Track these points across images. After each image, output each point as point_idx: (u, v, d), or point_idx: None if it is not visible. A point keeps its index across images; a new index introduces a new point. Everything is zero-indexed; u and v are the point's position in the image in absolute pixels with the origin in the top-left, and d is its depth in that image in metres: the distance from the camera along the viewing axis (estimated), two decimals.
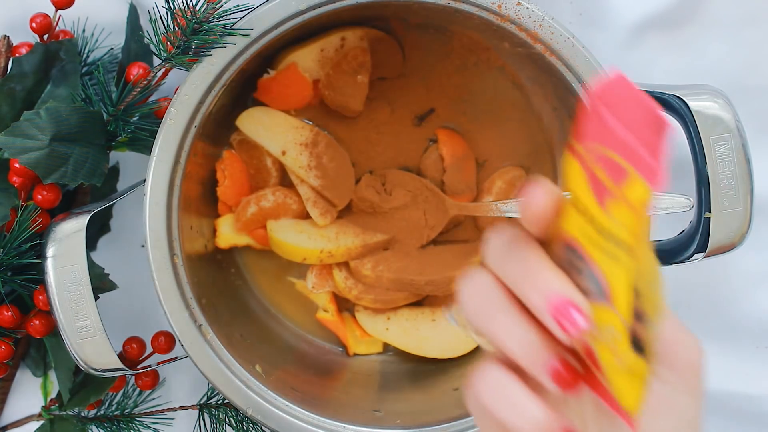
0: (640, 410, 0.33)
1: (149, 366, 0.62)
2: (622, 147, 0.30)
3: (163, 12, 0.56)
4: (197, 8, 0.54)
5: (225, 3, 0.55)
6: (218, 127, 0.62)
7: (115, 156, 0.66)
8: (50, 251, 0.56)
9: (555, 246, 0.34)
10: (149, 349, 0.63)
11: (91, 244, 0.64)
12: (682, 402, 0.36)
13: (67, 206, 0.63)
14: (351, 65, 0.62)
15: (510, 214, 0.58)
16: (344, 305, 0.67)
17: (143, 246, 0.56)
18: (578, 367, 0.35)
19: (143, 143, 0.61)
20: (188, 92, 0.55)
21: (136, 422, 0.64)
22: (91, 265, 0.59)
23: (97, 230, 0.66)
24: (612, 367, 0.33)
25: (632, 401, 0.33)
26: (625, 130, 0.29)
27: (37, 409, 0.66)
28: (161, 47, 0.56)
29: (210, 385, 0.61)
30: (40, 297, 0.60)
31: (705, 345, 0.67)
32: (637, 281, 0.31)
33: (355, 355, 0.67)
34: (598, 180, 0.31)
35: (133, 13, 0.63)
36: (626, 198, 0.30)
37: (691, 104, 0.56)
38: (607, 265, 0.31)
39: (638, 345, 0.32)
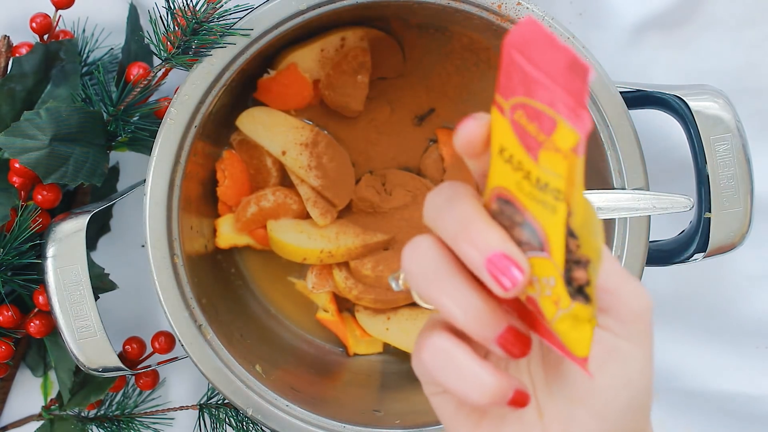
0: (588, 353, 0.33)
1: (149, 366, 0.62)
2: (544, 95, 0.29)
3: (163, 12, 0.56)
4: (197, 8, 0.54)
5: (225, 3, 0.55)
6: (218, 127, 0.62)
7: (115, 156, 0.66)
8: (50, 251, 0.56)
9: (492, 203, 0.34)
10: (149, 349, 0.63)
11: (91, 244, 0.64)
12: (630, 351, 0.36)
13: (67, 206, 0.63)
14: (351, 65, 0.62)
15: None
16: (344, 305, 0.67)
17: (143, 246, 0.56)
18: (526, 331, 0.34)
19: (143, 143, 0.61)
20: (188, 92, 0.55)
21: (136, 422, 0.64)
22: (91, 265, 0.59)
23: (97, 230, 0.66)
24: (557, 318, 0.33)
25: (581, 347, 0.33)
26: (544, 76, 0.29)
27: (37, 409, 0.66)
28: (161, 47, 0.56)
29: (210, 385, 0.61)
30: (40, 297, 0.60)
31: (705, 345, 0.68)
32: (575, 227, 0.31)
33: (355, 355, 0.67)
34: (527, 133, 0.31)
35: (133, 13, 0.63)
36: (556, 146, 0.30)
37: (691, 104, 0.56)
38: (543, 215, 0.32)
39: (582, 291, 0.32)
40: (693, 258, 0.58)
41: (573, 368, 0.36)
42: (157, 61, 0.64)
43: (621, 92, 0.56)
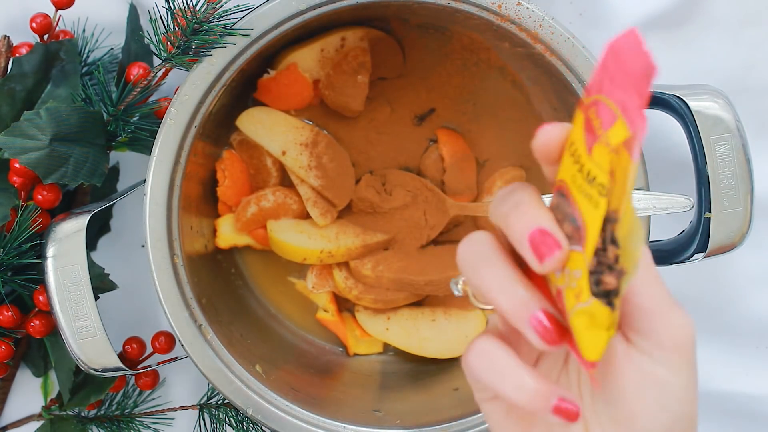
0: (598, 358, 0.34)
1: (149, 366, 0.62)
2: (617, 93, 0.31)
3: (163, 12, 0.56)
4: (197, 8, 0.54)
5: (225, 3, 0.55)
6: (218, 127, 0.62)
7: (115, 156, 0.66)
8: (50, 251, 0.56)
9: (553, 196, 0.36)
10: (149, 349, 0.63)
11: (91, 244, 0.64)
12: (667, 378, 0.36)
13: (67, 206, 0.63)
14: (351, 65, 0.62)
15: None
16: (344, 305, 0.67)
17: (143, 246, 0.56)
18: (561, 319, 0.35)
19: (143, 143, 0.61)
20: (188, 92, 0.55)
21: (136, 422, 0.64)
22: (91, 265, 0.59)
23: (97, 230, 0.66)
24: (574, 311, 0.34)
25: (592, 350, 0.34)
26: (623, 77, 0.31)
27: (37, 409, 0.66)
28: (161, 47, 0.56)
29: (210, 385, 0.61)
30: (40, 297, 0.60)
31: (705, 345, 0.68)
32: (620, 236, 0.32)
33: (355, 355, 0.67)
34: (592, 127, 0.33)
35: (133, 13, 0.63)
36: (608, 140, 0.32)
37: (691, 104, 0.56)
38: (586, 208, 0.33)
39: (609, 297, 0.33)
40: (693, 258, 0.58)
41: (617, 389, 0.37)
42: (157, 61, 0.64)
43: None
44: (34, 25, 0.60)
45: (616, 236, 0.32)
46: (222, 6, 0.55)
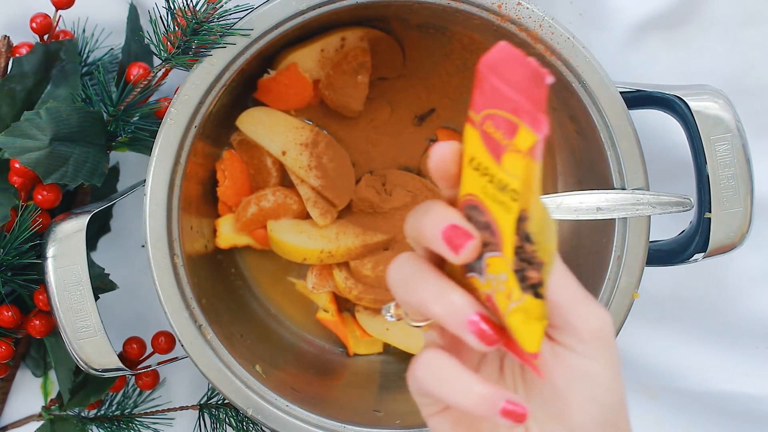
0: (538, 349, 0.36)
1: (149, 366, 0.62)
2: (509, 105, 0.33)
3: (164, 12, 0.56)
4: (197, 8, 0.54)
5: (225, 3, 0.55)
6: (218, 127, 0.62)
7: (115, 156, 0.66)
8: (50, 251, 0.56)
9: (462, 210, 0.37)
10: (149, 349, 0.63)
11: (91, 244, 0.64)
12: (593, 369, 0.37)
13: (67, 206, 0.63)
14: (351, 65, 0.62)
15: None
16: (344, 305, 0.67)
17: (143, 246, 0.56)
18: (497, 320, 0.37)
19: (143, 143, 0.61)
20: (188, 92, 0.55)
21: (136, 422, 0.64)
22: (91, 265, 0.59)
23: (97, 230, 0.66)
24: (509, 311, 0.36)
25: (531, 342, 0.36)
26: (511, 89, 0.33)
27: (37, 409, 0.66)
28: (161, 47, 0.56)
29: (210, 385, 0.61)
30: (40, 297, 0.60)
31: (705, 345, 0.68)
32: (532, 232, 0.34)
33: (355, 355, 0.67)
34: (492, 138, 0.34)
35: (133, 14, 0.63)
36: (517, 147, 0.33)
37: (691, 104, 0.56)
38: (500, 214, 0.35)
39: (535, 289, 0.35)
40: (693, 258, 0.58)
41: (548, 386, 0.38)
42: (157, 61, 0.64)
43: (621, 92, 0.56)
44: (34, 25, 0.60)
45: (530, 233, 0.34)
46: (222, 6, 0.55)
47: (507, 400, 0.37)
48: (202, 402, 0.64)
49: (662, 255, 0.59)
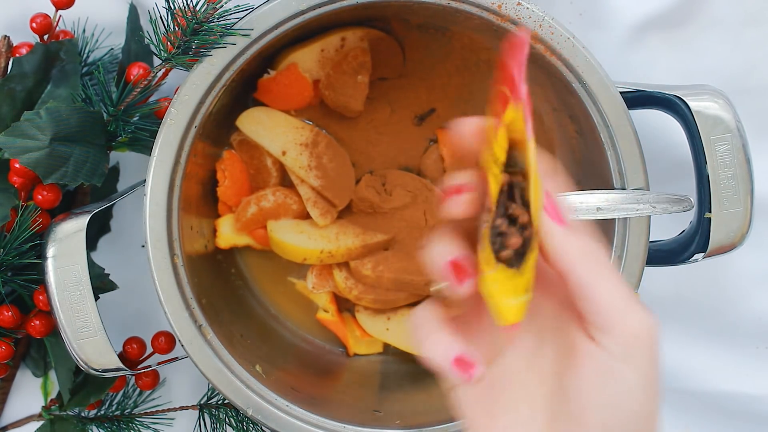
0: (516, 320, 0.36)
1: (149, 366, 0.62)
2: (509, 81, 0.36)
3: (164, 12, 0.56)
4: (197, 8, 0.54)
5: (225, 3, 0.55)
6: (218, 127, 0.62)
7: (115, 156, 0.66)
8: (50, 251, 0.56)
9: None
10: (149, 349, 0.63)
11: (91, 244, 0.64)
12: (624, 374, 0.36)
13: (67, 206, 0.63)
14: (351, 65, 0.62)
15: None
16: (344, 305, 0.67)
17: (143, 246, 0.56)
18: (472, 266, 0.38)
19: (143, 143, 0.61)
20: (188, 92, 0.55)
21: (136, 422, 0.64)
22: (91, 265, 0.59)
23: (97, 230, 0.66)
24: (482, 276, 0.36)
25: (505, 314, 0.36)
26: (514, 68, 0.36)
27: (37, 409, 0.66)
28: (161, 47, 0.56)
29: (210, 385, 0.61)
30: (41, 297, 0.60)
31: (705, 345, 0.68)
32: (530, 197, 0.36)
33: (355, 355, 0.67)
34: (497, 115, 0.37)
35: (133, 14, 0.63)
36: (503, 121, 0.36)
37: (691, 104, 0.56)
38: (492, 185, 0.36)
39: (519, 257, 0.36)
40: (693, 258, 0.58)
41: (572, 385, 0.37)
42: (157, 61, 0.64)
43: (621, 92, 0.56)
44: (34, 25, 0.60)
45: (528, 199, 0.36)
46: (222, 6, 0.55)
47: (457, 355, 0.37)
48: (202, 402, 0.64)
49: (662, 255, 0.59)
